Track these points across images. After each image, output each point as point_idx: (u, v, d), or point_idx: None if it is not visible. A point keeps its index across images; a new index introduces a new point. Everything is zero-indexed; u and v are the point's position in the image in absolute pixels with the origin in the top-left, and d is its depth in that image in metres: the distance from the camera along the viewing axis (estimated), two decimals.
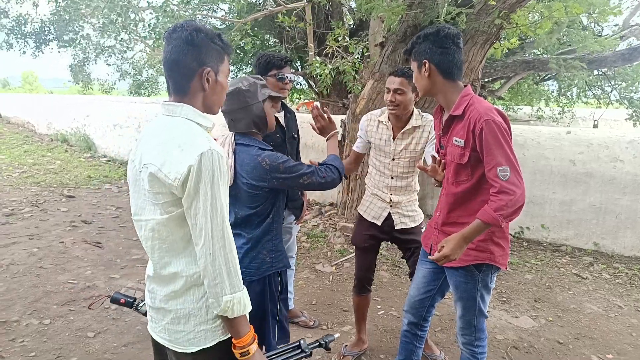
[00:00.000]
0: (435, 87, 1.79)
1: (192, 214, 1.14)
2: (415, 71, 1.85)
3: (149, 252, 1.27)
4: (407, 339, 2.20)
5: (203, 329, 1.24)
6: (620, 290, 3.76)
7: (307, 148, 6.18)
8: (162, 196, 1.17)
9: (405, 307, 2.18)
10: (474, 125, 1.66)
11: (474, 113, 1.67)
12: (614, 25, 8.38)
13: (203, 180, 1.12)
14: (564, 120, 11.28)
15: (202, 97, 1.25)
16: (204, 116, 1.25)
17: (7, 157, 9.05)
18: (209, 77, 1.22)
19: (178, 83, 1.22)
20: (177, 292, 1.23)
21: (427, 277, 2.05)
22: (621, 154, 4.43)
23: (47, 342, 2.80)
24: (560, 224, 4.72)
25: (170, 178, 1.12)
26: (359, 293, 2.70)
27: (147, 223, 1.23)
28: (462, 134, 1.72)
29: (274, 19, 8.05)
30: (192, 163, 1.11)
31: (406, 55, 1.91)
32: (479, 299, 1.86)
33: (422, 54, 1.77)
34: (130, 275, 3.82)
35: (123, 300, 1.53)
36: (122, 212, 5.77)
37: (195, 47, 1.19)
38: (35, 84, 45.92)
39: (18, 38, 9.69)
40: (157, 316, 1.30)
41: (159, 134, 1.21)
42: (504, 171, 1.60)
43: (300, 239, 4.81)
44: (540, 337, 3.03)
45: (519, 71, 6.90)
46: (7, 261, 3.97)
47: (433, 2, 4.18)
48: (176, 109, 1.21)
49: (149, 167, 1.16)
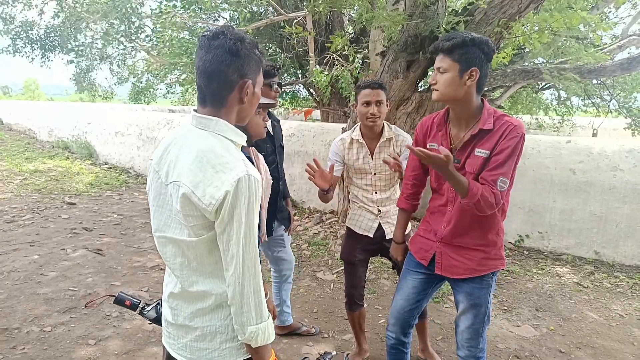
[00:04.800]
0: (466, 97, 1.69)
1: (225, 239, 1.10)
2: (451, 74, 1.66)
3: (174, 269, 1.22)
4: (396, 350, 2.14)
5: (228, 347, 1.20)
6: (621, 300, 3.76)
7: (308, 156, 6.20)
8: (193, 219, 1.11)
9: (392, 321, 2.09)
10: (508, 133, 1.65)
11: (509, 125, 1.66)
12: (612, 35, 8.44)
13: (239, 207, 1.07)
14: (564, 129, 11.32)
15: (238, 110, 1.20)
16: (237, 132, 1.19)
17: (9, 164, 9.06)
18: (248, 90, 1.17)
19: (216, 94, 1.15)
20: (204, 309, 1.19)
21: (418, 287, 1.99)
22: (621, 162, 4.45)
23: (47, 349, 2.79)
24: (561, 232, 4.73)
25: (204, 202, 1.07)
26: (350, 309, 2.66)
27: (174, 242, 1.18)
28: (488, 146, 1.68)
29: (275, 27, 8.13)
30: (229, 189, 1.06)
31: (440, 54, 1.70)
32: (489, 304, 1.88)
33: (473, 60, 1.64)
34: (132, 283, 3.82)
35: (129, 302, 1.45)
36: (123, 219, 5.78)
37: (239, 58, 1.13)
38: (37, 91, 46.08)
39: (25, 43, 9.74)
40: (178, 333, 1.25)
41: (191, 149, 1.13)
42: (504, 183, 1.65)
43: (300, 247, 4.81)
44: (541, 346, 3.02)
45: (519, 80, 6.93)
46: (8, 268, 3.97)
47: (434, 12, 4.23)
48: (210, 123, 1.15)
49: (181, 186, 1.10)
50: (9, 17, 9.41)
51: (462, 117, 1.76)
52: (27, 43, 9.74)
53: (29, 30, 9.58)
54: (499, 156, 1.65)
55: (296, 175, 6.29)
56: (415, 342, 2.90)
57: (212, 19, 8.80)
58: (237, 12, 7.26)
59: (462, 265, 1.84)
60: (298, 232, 5.30)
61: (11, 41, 9.67)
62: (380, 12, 4.18)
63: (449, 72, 1.67)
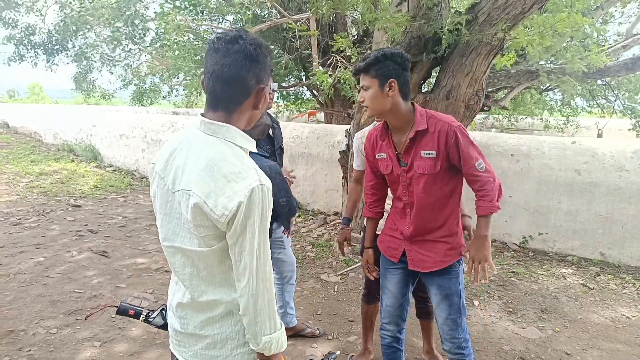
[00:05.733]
0: (394, 107, 1.83)
1: (237, 251, 1.07)
2: (374, 90, 1.80)
3: (183, 279, 1.20)
4: (392, 348, 2.19)
5: (240, 352, 1.19)
6: (627, 301, 3.74)
7: (312, 158, 6.21)
8: (204, 229, 1.08)
9: (386, 320, 2.15)
10: (447, 136, 1.79)
11: (441, 124, 1.81)
12: (616, 34, 8.40)
13: (252, 217, 1.04)
14: (568, 130, 11.27)
15: (250, 115, 1.18)
16: (247, 138, 1.16)
17: (15, 167, 9.13)
18: (264, 96, 1.16)
19: (231, 99, 1.12)
20: (214, 317, 1.18)
21: (401, 282, 2.08)
22: (626, 163, 4.43)
23: (53, 351, 2.81)
24: (566, 233, 4.71)
25: (216, 213, 1.04)
26: (368, 302, 2.70)
27: (183, 252, 1.16)
28: (431, 146, 1.83)
29: (279, 30, 8.14)
30: (242, 200, 1.03)
31: (360, 74, 1.85)
32: (461, 293, 1.98)
33: (389, 73, 1.78)
34: (137, 285, 3.84)
35: (132, 311, 1.44)
36: (128, 221, 5.80)
37: (258, 63, 1.11)
38: (42, 94, 46.38)
39: (28, 49, 9.78)
40: (188, 341, 1.24)
41: (200, 156, 1.09)
42: (480, 164, 1.80)
43: (305, 249, 4.82)
44: (547, 348, 3.01)
45: (523, 81, 6.93)
46: (14, 270, 4.00)
47: (437, 13, 4.23)
48: (220, 129, 1.11)
49: (192, 196, 1.07)
50: (12, 22, 9.44)
51: (398, 125, 1.89)
52: (30, 48, 9.78)
53: (31, 35, 9.62)
54: (460, 157, 1.80)
55: (300, 177, 6.30)
56: (420, 343, 2.90)
57: (217, 22, 8.84)
58: (240, 15, 7.29)
59: (430, 259, 1.95)
60: (302, 234, 5.30)
61: (15, 47, 9.70)
62: (383, 14, 4.18)
63: (372, 88, 1.82)
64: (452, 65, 4.35)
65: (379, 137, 2.00)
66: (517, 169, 4.90)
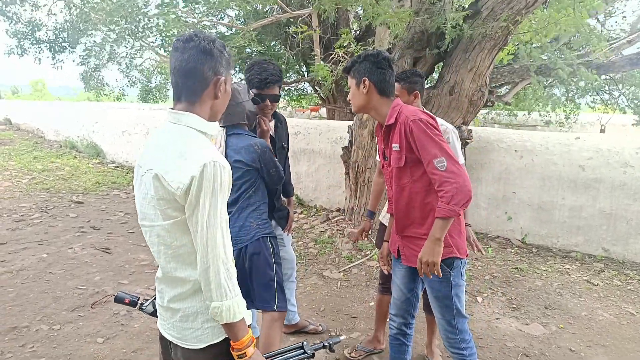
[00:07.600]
0: (370, 103, 1.93)
1: (193, 222, 1.19)
2: (353, 88, 1.96)
3: (156, 256, 1.32)
4: (398, 341, 2.22)
5: (210, 326, 1.29)
6: (632, 297, 3.72)
7: (314, 154, 6.19)
8: (165, 202, 1.21)
9: (393, 311, 2.20)
10: (404, 128, 1.82)
11: (403, 117, 1.84)
12: (620, 29, 8.33)
13: (204, 190, 1.16)
14: (570, 125, 11.20)
15: (212, 105, 1.30)
16: (208, 124, 1.28)
17: (17, 164, 9.14)
18: (221, 85, 1.28)
19: (191, 91, 1.25)
20: (184, 293, 1.29)
21: (406, 276, 2.10)
22: (631, 159, 4.40)
23: (56, 347, 2.81)
24: (570, 229, 4.68)
25: (172, 187, 1.17)
26: (382, 292, 2.75)
27: (153, 229, 1.28)
28: (397, 139, 1.88)
29: (281, 25, 8.11)
30: (195, 174, 1.15)
31: (345, 73, 2.02)
32: (455, 298, 1.94)
33: (363, 72, 1.90)
34: (139, 281, 3.84)
35: (127, 299, 1.56)
36: (131, 218, 5.81)
37: (212, 56, 1.25)
38: (44, 91, 46.45)
39: (32, 44, 9.75)
40: (166, 314, 1.36)
41: (163, 141, 1.25)
42: (441, 162, 1.74)
43: (307, 245, 4.81)
44: (551, 345, 3.00)
45: (526, 76, 6.88)
46: (17, 267, 4.01)
47: (440, 9, 4.19)
48: (182, 117, 1.25)
49: (153, 172, 1.21)
50: (14, 17, 9.41)
51: (380, 120, 1.98)
52: (34, 43, 9.75)
53: (35, 31, 9.59)
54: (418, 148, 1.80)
55: (302, 173, 6.29)
56: (422, 338, 2.89)
57: (218, 17, 8.81)
58: (241, 10, 7.26)
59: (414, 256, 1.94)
60: (304, 230, 5.29)
61: (17, 41, 9.67)
62: (386, 9, 4.15)
63: (352, 88, 1.97)
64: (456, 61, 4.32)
65: (376, 133, 2.09)
66: (521, 165, 4.88)
